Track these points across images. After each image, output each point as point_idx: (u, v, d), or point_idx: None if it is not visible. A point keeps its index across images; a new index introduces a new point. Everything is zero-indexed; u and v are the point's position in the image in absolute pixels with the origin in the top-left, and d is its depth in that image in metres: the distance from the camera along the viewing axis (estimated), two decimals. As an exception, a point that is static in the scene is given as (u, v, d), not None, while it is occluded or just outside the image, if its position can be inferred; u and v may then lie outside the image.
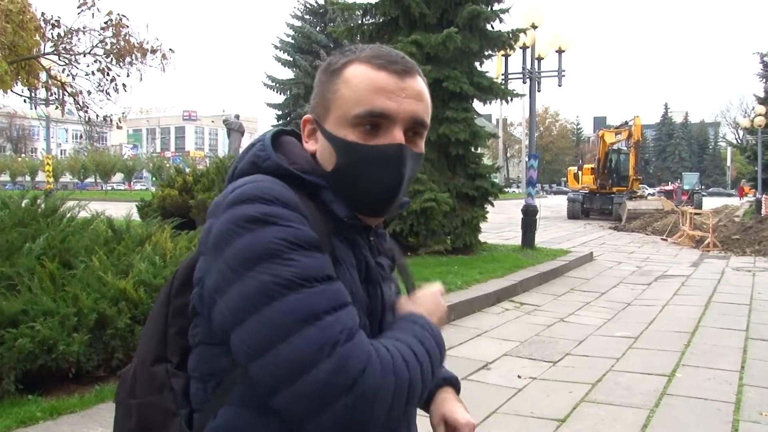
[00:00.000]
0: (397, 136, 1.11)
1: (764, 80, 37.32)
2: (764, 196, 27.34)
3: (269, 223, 0.99)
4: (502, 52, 13.93)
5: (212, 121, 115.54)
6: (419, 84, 1.15)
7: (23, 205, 5.62)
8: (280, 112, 34.99)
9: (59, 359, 4.16)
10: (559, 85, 15.19)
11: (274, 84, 34.12)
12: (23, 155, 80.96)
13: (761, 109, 30.83)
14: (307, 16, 35.03)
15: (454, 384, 1.39)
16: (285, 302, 0.94)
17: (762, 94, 37.43)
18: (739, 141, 57.28)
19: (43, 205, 5.81)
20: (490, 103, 13.40)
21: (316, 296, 0.96)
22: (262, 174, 1.09)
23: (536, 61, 14.87)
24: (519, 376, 5.61)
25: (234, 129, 19.54)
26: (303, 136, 1.21)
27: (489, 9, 12.63)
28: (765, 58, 36.28)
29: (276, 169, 1.10)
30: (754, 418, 4.66)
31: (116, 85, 11.74)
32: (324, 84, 1.16)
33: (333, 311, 0.96)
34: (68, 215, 5.95)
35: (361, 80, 1.11)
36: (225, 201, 1.04)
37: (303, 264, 0.97)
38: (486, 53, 13.06)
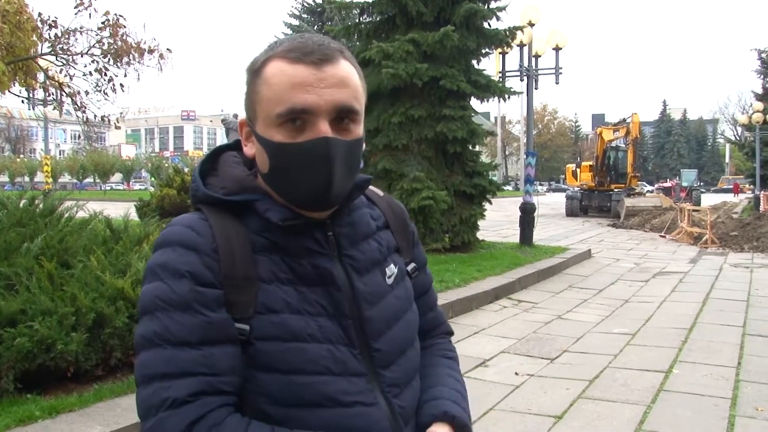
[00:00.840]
0: (322, 128, 1.09)
1: (762, 77, 37.36)
2: (762, 192, 27.37)
3: (156, 278, 1.09)
4: (500, 50, 13.91)
5: (211, 121, 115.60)
6: (342, 70, 1.11)
7: (21, 205, 5.63)
8: (278, 112, 34.97)
9: (58, 358, 4.17)
10: (557, 83, 15.19)
11: (272, 83, 34.08)
12: (22, 156, 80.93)
13: (759, 105, 30.79)
14: (304, 15, 35.07)
15: (454, 423, 1.24)
16: (143, 355, 1.07)
17: (760, 91, 37.47)
18: (738, 138, 57.29)
19: (41, 206, 5.82)
20: (488, 101, 13.38)
21: (163, 358, 1.04)
22: (203, 203, 1.18)
23: (533, 59, 14.87)
24: (516, 373, 5.63)
25: (232, 128, 19.46)
26: (242, 140, 1.21)
27: (486, 7, 12.63)
28: (763, 55, 36.32)
29: (206, 198, 1.17)
30: (750, 413, 4.68)
31: (114, 85, 11.72)
32: (249, 85, 1.15)
33: (171, 377, 1.03)
34: (66, 215, 5.96)
35: (279, 78, 1.09)
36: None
37: (164, 325, 1.05)
38: (483, 51, 13.05)
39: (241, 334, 1.08)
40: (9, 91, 10.91)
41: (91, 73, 11.61)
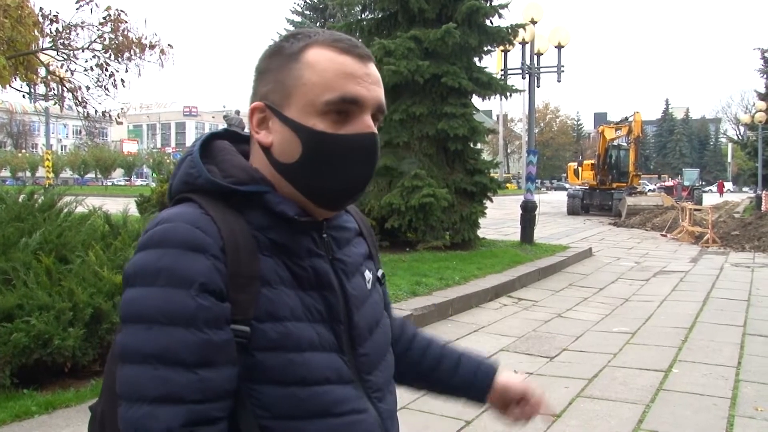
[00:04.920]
0: (369, 123, 1.06)
1: (765, 76, 37.21)
2: (764, 192, 27.32)
3: (154, 283, 0.97)
4: (502, 47, 13.89)
5: (213, 117, 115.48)
6: (376, 70, 1.11)
7: (20, 200, 5.63)
8: (279, 108, 35.02)
9: (55, 354, 4.16)
10: (558, 81, 15.15)
11: (274, 79, 34.12)
12: (23, 151, 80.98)
13: (762, 105, 30.74)
14: (307, 12, 35.07)
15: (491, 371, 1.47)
16: (130, 369, 0.96)
17: (763, 90, 37.32)
18: (740, 137, 57.19)
19: (40, 200, 5.81)
20: (489, 98, 13.38)
21: (153, 379, 0.94)
22: (197, 192, 1.07)
23: (535, 57, 14.83)
24: (515, 372, 5.59)
25: (234, 125, 19.46)
26: (251, 127, 1.11)
27: (488, 4, 12.62)
28: (766, 54, 36.16)
29: (209, 186, 1.06)
30: (749, 413, 4.66)
31: (115, 80, 11.69)
32: (279, 69, 1.07)
33: (161, 403, 0.94)
34: (65, 210, 5.95)
35: (328, 65, 1.04)
36: (139, 240, 1.03)
37: (159, 342, 0.95)
38: (485, 49, 13.02)
39: (241, 337, 0.99)
40: (10, 85, 10.89)
41: (92, 68, 11.58)
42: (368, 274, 1.23)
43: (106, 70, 11.60)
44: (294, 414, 1.03)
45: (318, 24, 33.87)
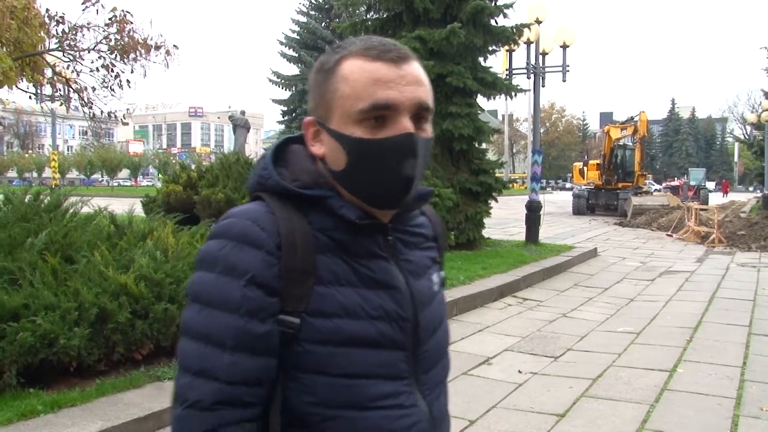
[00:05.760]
0: (405, 124, 1.09)
1: (771, 75, 37.12)
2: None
3: (212, 269, 1.09)
4: (507, 47, 13.87)
5: (218, 118, 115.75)
6: (417, 69, 1.13)
7: (26, 200, 5.65)
8: (285, 108, 35.08)
9: (60, 353, 4.18)
10: (564, 81, 15.13)
11: (279, 80, 34.17)
12: (30, 151, 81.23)
13: (768, 104, 30.63)
14: (312, 12, 35.06)
15: None
16: (184, 342, 1.10)
17: (769, 89, 37.25)
18: (747, 137, 56.96)
19: (46, 201, 5.84)
20: (494, 98, 13.36)
21: (198, 355, 1.07)
22: (268, 192, 1.16)
23: (540, 57, 14.82)
24: (520, 371, 5.61)
25: (240, 125, 19.57)
26: (307, 140, 1.19)
27: (493, 4, 12.61)
28: (772, 53, 36.07)
29: (278, 188, 1.15)
30: (754, 413, 4.66)
31: (120, 81, 11.74)
32: (321, 84, 1.14)
33: (200, 377, 1.06)
34: (71, 211, 5.98)
35: (359, 75, 1.09)
36: (210, 229, 1.16)
37: (206, 321, 1.07)
38: (490, 48, 13.02)
39: (290, 327, 1.08)
40: (17, 86, 10.95)
41: (98, 69, 11.64)
42: (435, 277, 1.29)
43: (112, 70, 11.65)
44: (337, 402, 1.11)
45: (323, 24, 33.92)
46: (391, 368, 1.15)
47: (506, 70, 15.09)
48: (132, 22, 11.29)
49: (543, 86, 14.90)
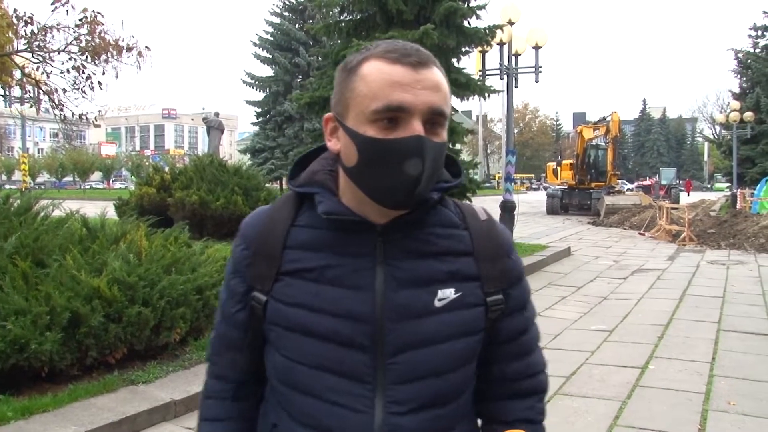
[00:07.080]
0: (416, 127, 1.11)
1: (739, 76, 37.77)
2: (739, 190, 27.69)
3: (231, 254, 1.32)
4: (480, 48, 13.95)
5: (192, 119, 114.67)
6: (435, 75, 1.15)
7: (-5, 204, 5.57)
8: (259, 110, 34.85)
9: (31, 358, 4.13)
10: (536, 81, 15.21)
11: (253, 81, 33.95)
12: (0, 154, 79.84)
13: (736, 104, 31.12)
14: (286, 13, 34.86)
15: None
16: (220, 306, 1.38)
17: (737, 90, 37.90)
18: (716, 136, 57.84)
19: (16, 204, 5.76)
20: (468, 99, 13.45)
21: (217, 320, 1.37)
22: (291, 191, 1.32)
23: (513, 58, 14.90)
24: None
25: (214, 127, 19.44)
26: (325, 135, 1.23)
27: (466, 6, 12.69)
28: (739, 55, 36.67)
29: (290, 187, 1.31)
30: (722, 407, 4.75)
31: (92, 83, 11.64)
32: (342, 82, 1.17)
33: (213, 334, 1.38)
34: (42, 214, 5.90)
35: (377, 75, 1.12)
36: None
37: (220, 295, 1.36)
38: (463, 50, 13.10)
39: (258, 303, 1.24)
40: (-16, 88, 10.78)
41: (68, 71, 11.53)
42: (446, 293, 1.20)
43: (83, 72, 11.55)
44: (289, 383, 1.22)
45: (297, 26, 33.79)
46: (345, 366, 1.16)
47: (479, 71, 15.13)
48: (103, 23, 11.21)
49: (516, 87, 14.96)
